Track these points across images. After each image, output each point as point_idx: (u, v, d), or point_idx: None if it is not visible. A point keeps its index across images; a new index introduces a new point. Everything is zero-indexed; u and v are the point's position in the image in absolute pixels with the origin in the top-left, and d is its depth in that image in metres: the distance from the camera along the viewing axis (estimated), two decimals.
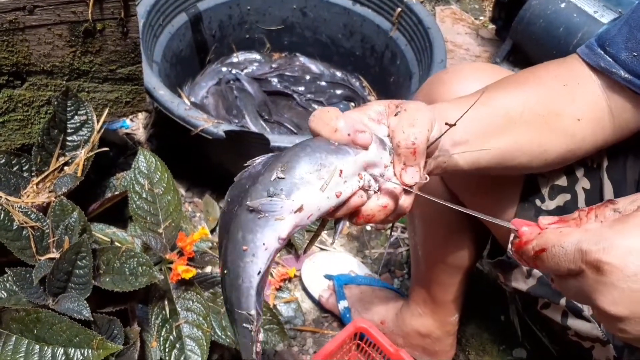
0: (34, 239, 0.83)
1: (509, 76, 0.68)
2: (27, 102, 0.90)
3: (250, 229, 0.44)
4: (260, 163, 0.47)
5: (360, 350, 1.13)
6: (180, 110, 1.16)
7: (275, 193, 0.43)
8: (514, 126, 0.62)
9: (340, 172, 0.44)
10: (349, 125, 0.46)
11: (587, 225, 0.42)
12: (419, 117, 0.48)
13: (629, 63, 0.60)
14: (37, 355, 0.80)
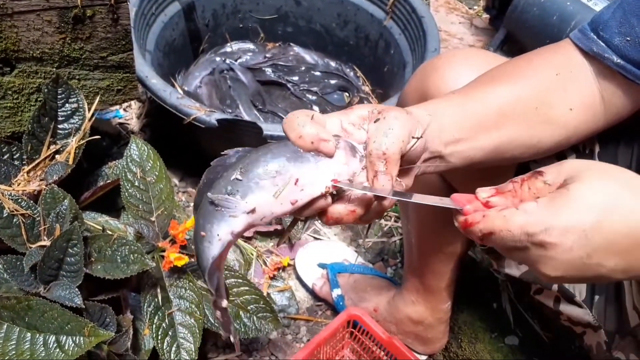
0: (25, 227, 0.83)
1: (501, 65, 0.67)
2: (16, 89, 0.90)
3: (208, 218, 0.48)
4: (234, 155, 0.49)
5: (353, 338, 1.14)
6: (172, 99, 1.16)
7: (232, 192, 0.46)
8: (506, 121, 0.62)
9: (296, 180, 0.46)
10: (312, 134, 0.47)
11: (526, 206, 0.46)
12: (395, 127, 0.49)
13: (622, 48, 0.60)
14: (28, 343, 0.79)
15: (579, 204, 0.44)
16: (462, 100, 0.61)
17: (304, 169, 0.47)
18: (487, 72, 0.67)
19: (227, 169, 0.48)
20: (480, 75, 0.66)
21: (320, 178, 0.47)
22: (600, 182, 0.45)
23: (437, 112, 0.58)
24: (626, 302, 0.69)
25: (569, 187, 0.45)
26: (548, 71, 0.64)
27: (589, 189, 0.44)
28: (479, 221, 0.47)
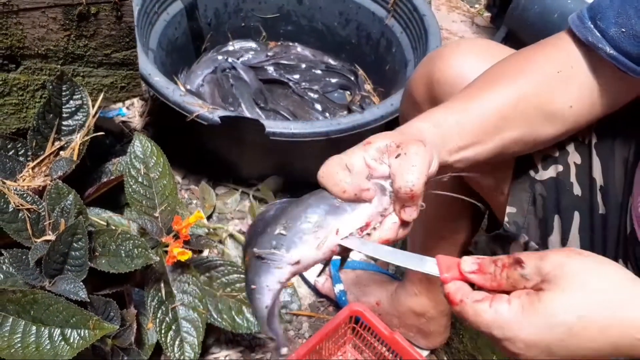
0: (30, 222, 0.84)
1: (502, 62, 0.68)
2: (22, 86, 0.91)
3: (255, 271, 0.51)
4: (274, 208, 0.53)
5: (355, 334, 1.14)
6: (175, 96, 1.16)
7: (277, 246, 0.49)
8: (507, 123, 0.63)
9: (337, 231, 0.50)
10: (355, 186, 0.50)
11: (498, 306, 0.46)
12: (417, 164, 0.51)
13: (616, 39, 0.60)
14: (34, 336, 0.80)
15: (548, 320, 0.44)
16: (464, 106, 0.63)
17: (343, 219, 0.50)
18: (488, 71, 0.67)
19: (270, 224, 0.51)
20: (481, 75, 0.67)
21: (358, 223, 0.51)
22: (574, 296, 0.45)
23: (440, 124, 0.59)
24: None
25: (542, 298, 0.45)
26: (549, 69, 0.65)
27: (561, 304, 0.44)
28: (455, 302, 0.48)
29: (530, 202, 0.73)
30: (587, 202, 0.71)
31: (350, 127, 1.17)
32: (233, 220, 1.37)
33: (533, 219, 0.73)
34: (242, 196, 1.42)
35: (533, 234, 0.74)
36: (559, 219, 0.72)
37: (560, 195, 0.72)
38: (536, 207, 0.73)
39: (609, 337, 0.44)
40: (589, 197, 0.71)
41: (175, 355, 0.89)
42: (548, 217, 0.72)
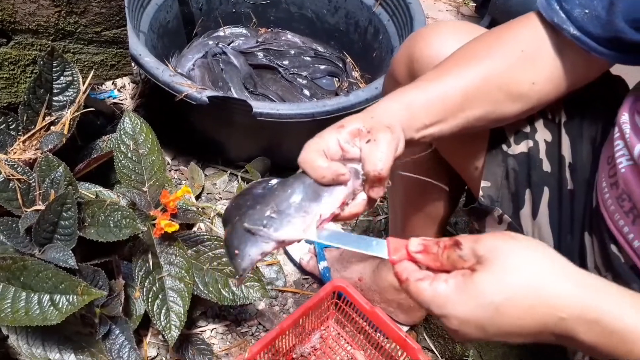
0: (21, 192, 0.86)
1: (470, 43, 0.71)
2: (13, 60, 0.93)
3: (242, 240, 0.56)
4: (263, 186, 0.58)
5: (338, 309, 1.18)
6: (165, 77, 1.19)
7: (267, 225, 0.55)
8: (471, 103, 0.66)
9: (320, 215, 0.56)
10: (333, 172, 0.56)
11: (437, 285, 0.50)
12: (385, 149, 0.56)
13: (580, 20, 0.63)
14: (23, 301, 0.83)
15: (478, 299, 0.48)
16: (430, 86, 0.66)
17: (325, 204, 0.56)
18: (457, 51, 0.70)
19: (260, 203, 0.57)
20: (451, 55, 0.70)
21: (336, 204, 0.57)
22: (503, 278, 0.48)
23: (409, 104, 0.64)
24: (588, 261, 0.73)
25: (474, 278, 0.49)
26: (514, 49, 0.68)
27: (490, 285, 0.48)
28: (401, 281, 0.53)
29: (504, 176, 0.76)
30: (556, 178, 0.75)
31: (335, 109, 1.20)
32: (221, 201, 1.40)
33: (506, 192, 0.77)
34: (230, 177, 1.45)
35: (506, 207, 0.77)
36: (530, 192, 0.75)
37: (531, 169, 0.75)
38: (509, 181, 0.76)
39: (534, 316, 0.47)
40: (558, 173, 0.75)
41: (161, 323, 0.92)
42: (520, 191, 0.75)
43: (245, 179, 1.45)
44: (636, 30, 0.60)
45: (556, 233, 0.75)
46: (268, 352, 1.07)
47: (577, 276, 0.49)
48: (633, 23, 0.60)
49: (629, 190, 0.62)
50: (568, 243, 0.75)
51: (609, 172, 0.67)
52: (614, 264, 0.66)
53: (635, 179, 0.62)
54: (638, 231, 0.62)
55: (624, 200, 0.64)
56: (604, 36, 0.62)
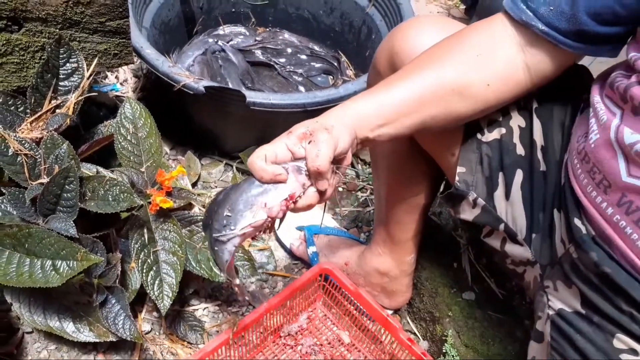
0: (27, 166, 0.93)
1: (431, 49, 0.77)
2: (23, 46, 1.00)
3: (216, 242, 0.70)
4: (223, 193, 0.70)
5: (325, 292, 1.24)
6: (164, 67, 1.26)
7: (227, 224, 0.68)
8: (425, 105, 0.73)
9: (264, 204, 0.67)
10: (270, 173, 0.66)
11: None
12: (322, 147, 0.65)
13: (547, 16, 0.68)
14: (27, 266, 0.89)
15: None
16: (384, 90, 0.74)
17: (269, 196, 0.67)
18: (416, 59, 0.77)
19: (220, 207, 0.69)
20: (411, 61, 0.77)
21: (281, 197, 0.67)
22: None
23: (361, 108, 0.72)
24: (556, 236, 0.79)
25: None
26: (469, 53, 0.73)
27: None
28: None
29: (478, 161, 0.82)
30: (529, 161, 0.80)
31: (325, 100, 1.27)
32: (216, 189, 1.47)
33: (480, 176, 0.82)
34: (225, 167, 1.52)
35: (480, 191, 0.82)
36: (503, 175, 0.80)
37: (504, 154, 0.80)
38: (483, 166, 0.82)
39: None
40: (530, 156, 0.80)
41: (154, 293, 0.98)
42: (493, 175, 0.81)
43: (240, 169, 1.51)
44: (597, 22, 0.66)
45: (529, 211, 0.80)
46: (257, 328, 1.13)
47: None
48: (594, 16, 0.66)
49: (599, 163, 0.68)
50: (539, 220, 0.80)
51: (578, 148, 0.73)
52: (575, 236, 0.71)
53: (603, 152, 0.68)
54: (610, 199, 0.67)
55: (595, 173, 0.69)
56: (570, 30, 0.68)
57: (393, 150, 1.04)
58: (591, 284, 0.67)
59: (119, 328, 0.99)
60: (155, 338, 1.16)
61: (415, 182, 1.07)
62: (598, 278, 0.66)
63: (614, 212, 0.66)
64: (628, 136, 0.63)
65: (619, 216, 0.65)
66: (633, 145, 0.63)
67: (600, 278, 0.66)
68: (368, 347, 1.19)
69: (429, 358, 1.07)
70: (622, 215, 0.65)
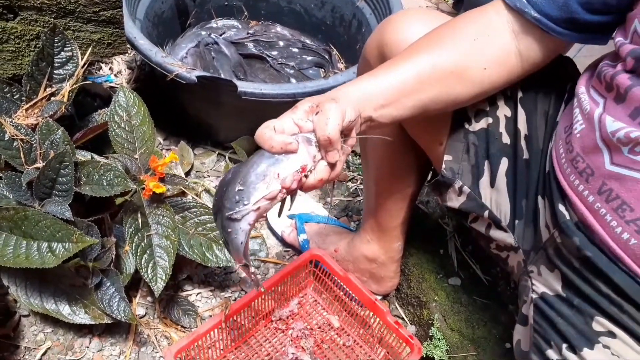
0: (23, 151, 0.95)
1: (429, 34, 0.79)
2: (18, 34, 1.02)
3: (230, 222, 0.67)
4: (230, 172, 0.68)
5: (316, 278, 1.27)
6: (157, 58, 1.28)
7: (240, 199, 0.65)
8: (424, 86, 0.74)
9: (277, 174, 0.64)
10: (280, 142, 0.64)
11: None
12: (331, 115, 0.64)
13: (539, 3, 0.71)
14: (24, 248, 0.92)
15: None
16: (387, 71, 0.75)
17: (281, 166, 0.64)
18: (415, 42, 0.78)
19: (230, 183, 0.66)
20: (410, 45, 0.78)
21: (293, 167, 0.65)
22: None
23: (365, 86, 0.73)
24: (540, 222, 0.81)
25: None
26: (466, 38, 0.75)
27: None
28: None
29: (464, 150, 0.84)
30: (513, 149, 0.83)
31: (315, 90, 1.29)
32: (209, 178, 1.49)
33: (467, 165, 0.84)
34: (218, 157, 1.54)
35: (466, 178, 0.84)
36: (489, 163, 0.83)
37: (490, 143, 0.83)
38: (469, 155, 0.84)
39: None
40: (515, 144, 0.83)
41: (148, 275, 1.01)
42: (479, 163, 0.83)
43: (233, 159, 1.54)
44: (587, 11, 0.69)
45: (512, 198, 0.83)
46: (248, 312, 1.16)
47: None
48: (585, 5, 0.68)
49: (583, 152, 0.71)
50: (522, 206, 0.83)
51: (565, 139, 0.75)
52: (559, 221, 0.74)
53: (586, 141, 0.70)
54: (591, 187, 0.70)
55: (578, 162, 0.72)
56: (561, 17, 0.70)
57: (382, 142, 1.06)
58: (573, 267, 0.69)
59: (114, 310, 1.01)
60: (149, 322, 1.19)
61: (403, 172, 1.09)
62: (579, 262, 0.69)
63: (595, 199, 0.68)
64: (610, 124, 0.66)
65: (599, 204, 0.68)
66: (615, 133, 0.65)
67: (582, 262, 0.69)
68: (357, 331, 1.22)
69: (416, 341, 1.10)
70: (602, 202, 0.68)
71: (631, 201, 0.64)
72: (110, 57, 1.16)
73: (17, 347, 1.11)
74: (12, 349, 1.10)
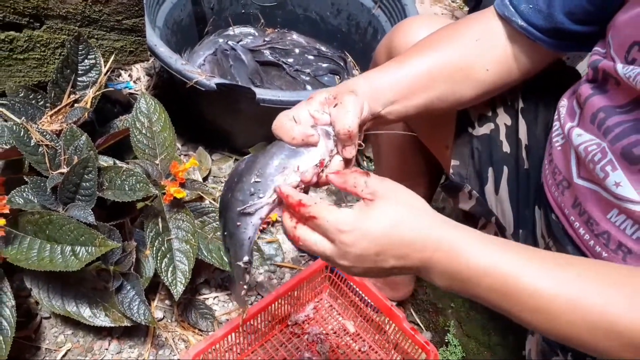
0: (48, 156, 0.97)
1: (433, 34, 0.80)
2: (44, 43, 1.04)
3: (242, 216, 0.62)
4: (245, 162, 0.63)
5: (331, 283, 1.28)
6: (177, 65, 1.30)
7: (255, 192, 0.60)
8: (434, 83, 0.74)
9: (297, 167, 0.61)
10: (301, 133, 0.60)
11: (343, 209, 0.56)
12: (351, 109, 0.61)
13: (526, 13, 0.72)
14: (48, 251, 0.94)
15: (378, 217, 0.55)
16: (397, 67, 0.74)
17: (302, 159, 0.61)
18: (422, 40, 0.79)
19: (245, 175, 0.61)
20: (416, 43, 0.79)
21: (313, 161, 0.62)
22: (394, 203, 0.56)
23: (375, 81, 0.71)
24: (537, 232, 0.82)
25: (375, 203, 0.55)
26: (470, 38, 0.76)
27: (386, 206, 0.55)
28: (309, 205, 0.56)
29: (470, 155, 0.85)
30: (514, 158, 0.83)
31: None
32: None
33: (473, 170, 0.85)
34: (235, 163, 1.56)
35: (474, 184, 0.85)
36: (492, 170, 0.83)
37: (493, 150, 0.83)
38: (474, 160, 0.84)
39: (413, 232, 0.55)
40: (516, 154, 0.83)
41: (168, 279, 1.02)
42: (483, 169, 0.84)
43: None
44: (572, 21, 0.69)
45: (515, 208, 0.83)
46: (265, 316, 1.17)
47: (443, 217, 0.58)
48: (568, 15, 0.69)
49: (559, 164, 0.72)
50: (525, 216, 0.83)
51: (549, 151, 0.76)
52: (553, 230, 0.74)
53: (563, 154, 0.71)
54: (566, 200, 0.71)
55: (556, 174, 0.73)
56: (546, 27, 0.71)
57: (394, 149, 1.07)
58: None
59: (134, 313, 1.03)
60: (167, 325, 1.20)
61: (415, 178, 1.10)
62: None
63: (570, 212, 0.70)
64: (575, 137, 0.67)
65: (573, 217, 0.69)
66: (578, 147, 0.66)
67: None
68: (372, 337, 1.23)
69: (432, 347, 1.10)
70: (576, 216, 0.69)
71: (596, 215, 0.65)
72: (132, 64, 1.18)
73: (38, 348, 1.13)
74: (33, 350, 1.13)
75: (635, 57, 0.60)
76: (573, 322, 0.52)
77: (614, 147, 0.62)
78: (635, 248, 0.61)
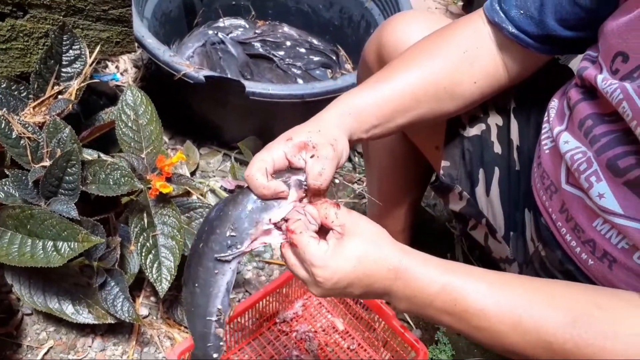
0: (30, 149, 0.95)
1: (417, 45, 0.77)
2: (27, 32, 1.01)
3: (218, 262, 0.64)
4: (215, 209, 0.66)
5: None
6: (165, 56, 1.28)
7: (232, 244, 0.63)
8: (419, 103, 0.73)
9: (269, 220, 0.63)
10: (271, 191, 0.62)
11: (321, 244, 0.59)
12: (327, 166, 0.62)
13: (517, 19, 0.70)
14: (29, 247, 0.91)
15: (347, 254, 0.58)
16: (380, 87, 0.73)
17: (272, 212, 0.63)
18: (407, 51, 0.77)
19: (219, 226, 0.64)
20: (401, 55, 0.77)
21: (285, 212, 0.64)
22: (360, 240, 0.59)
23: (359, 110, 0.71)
24: (527, 235, 0.81)
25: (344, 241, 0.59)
26: (456, 50, 0.74)
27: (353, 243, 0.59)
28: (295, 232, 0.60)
29: (461, 156, 0.83)
30: (506, 159, 0.82)
31: (323, 91, 1.29)
32: (215, 178, 1.49)
33: (463, 171, 0.83)
34: (224, 157, 1.54)
35: (464, 185, 0.83)
36: (483, 172, 0.82)
37: (484, 151, 0.82)
38: (465, 161, 0.83)
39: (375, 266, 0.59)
40: (507, 155, 0.82)
41: (153, 275, 1.00)
42: (474, 170, 0.82)
43: (239, 159, 1.53)
44: (564, 27, 0.68)
45: (506, 210, 0.82)
46: (253, 313, 1.15)
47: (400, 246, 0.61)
48: (560, 21, 0.68)
49: (548, 169, 0.70)
50: (516, 219, 0.82)
51: (538, 153, 0.75)
52: (542, 234, 0.73)
53: (551, 158, 0.70)
54: (554, 205, 0.70)
55: (544, 178, 0.71)
56: (537, 34, 0.70)
57: (384, 149, 1.06)
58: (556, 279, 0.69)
59: (118, 310, 1.01)
60: (152, 322, 1.18)
61: (405, 178, 1.09)
62: (563, 275, 0.69)
63: (557, 218, 0.69)
64: (562, 145, 0.66)
65: (560, 223, 0.68)
66: (565, 154, 0.65)
67: (565, 275, 0.69)
68: (362, 335, 1.22)
69: (421, 345, 1.09)
70: (563, 222, 0.68)
71: (582, 222, 0.64)
72: (118, 55, 1.15)
73: (19, 345, 1.10)
74: (14, 347, 1.10)
75: (619, 67, 0.59)
76: (516, 341, 0.57)
77: (599, 157, 0.61)
78: (620, 257, 0.60)
